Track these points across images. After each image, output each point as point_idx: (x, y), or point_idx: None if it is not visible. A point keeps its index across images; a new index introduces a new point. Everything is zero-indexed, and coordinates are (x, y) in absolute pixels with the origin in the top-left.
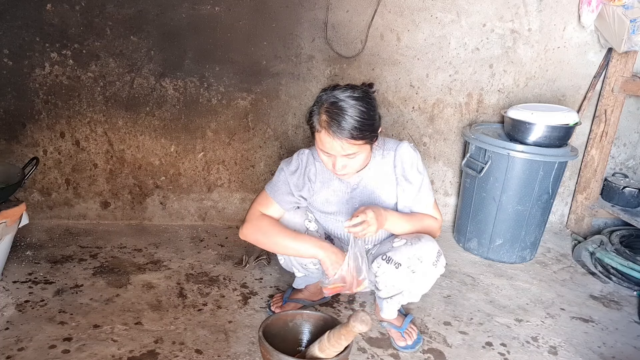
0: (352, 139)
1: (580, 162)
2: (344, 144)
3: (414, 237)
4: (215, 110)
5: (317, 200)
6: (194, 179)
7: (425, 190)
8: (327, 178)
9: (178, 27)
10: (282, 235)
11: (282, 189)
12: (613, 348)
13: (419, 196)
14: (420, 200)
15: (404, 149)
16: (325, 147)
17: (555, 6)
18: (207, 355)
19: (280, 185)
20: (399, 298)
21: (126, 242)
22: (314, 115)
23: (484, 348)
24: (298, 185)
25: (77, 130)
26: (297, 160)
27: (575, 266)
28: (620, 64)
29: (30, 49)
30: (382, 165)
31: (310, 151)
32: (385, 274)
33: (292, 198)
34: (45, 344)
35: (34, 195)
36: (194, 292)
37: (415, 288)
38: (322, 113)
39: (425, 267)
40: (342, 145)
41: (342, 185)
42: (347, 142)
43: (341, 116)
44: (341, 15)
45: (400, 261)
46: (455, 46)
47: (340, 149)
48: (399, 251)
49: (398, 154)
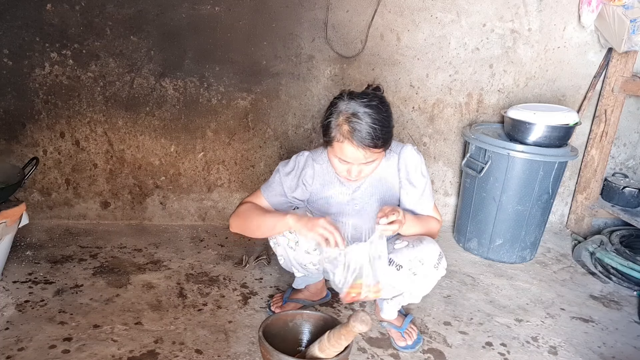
0: (375, 147)
1: (580, 162)
2: (367, 153)
3: (416, 240)
4: (215, 110)
5: (318, 202)
6: (194, 179)
7: (428, 194)
8: (327, 180)
9: (178, 27)
10: (256, 215)
11: (276, 189)
12: (613, 348)
13: (422, 199)
14: (423, 203)
15: (407, 152)
16: (347, 156)
17: (555, 6)
18: (207, 355)
19: (275, 185)
20: (400, 299)
21: (126, 242)
22: (333, 126)
23: (484, 348)
24: (291, 186)
25: (77, 130)
26: (294, 162)
27: (575, 266)
28: (620, 64)
29: (30, 49)
30: (386, 167)
31: (311, 154)
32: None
33: (284, 199)
34: (45, 344)
35: (34, 195)
36: (194, 292)
37: (416, 290)
38: (343, 124)
39: (427, 269)
40: (364, 155)
41: (343, 188)
42: (369, 151)
43: (364, 127)
44: (341, 15)
45: (401, 263)
46: (455, 46)
47: (362, 158)
48: (401, 253)
49: (402, 158)
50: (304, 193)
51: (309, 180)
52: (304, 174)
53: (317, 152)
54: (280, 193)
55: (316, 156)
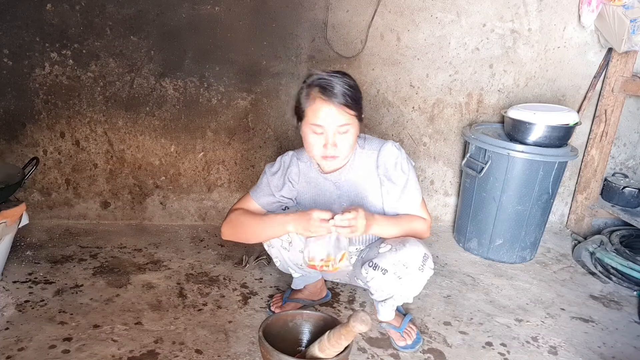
0: (345, 105)
1: (580, 162)
2: (339, 111)
3: (399, 243)
4: (215, 110)
5: (305, 200)
6: (194, 179)
7: (410, 190)
8: (312, 177)
9: (178, 27)
10: (250, 223)
11: (264, 190)
12: (613, 348)
13: (404, 196)
14: (406, 200)
15: (387, 149)
16: (320, 118)
17: (555, 6)
18: (207, 355)
19: (263, 187)
20: (392, 301)
21: (126, 242)
22: (303, 97)
23: (484, 348)
24: (278, 185)
25: (77, 130)
26: (280, 162)
27: (575, 266)
28: (620, 64)
29: (30, 49)
30: (367, 164)
31: (295, 153)
32: (374, 279)
33: (272, 199)
34: (45, 344)
35: (34, 195)
36: (194, 292)
37: (405, 291)
38: (312, 88)
39: (411, 272)
40: (337, 113)
41: (327, 184)
42: (340, 109)
43: (333, 84)
44: (341, 15)
45: (386, 267)
46: (455, 46)
47: (335, 115)
48: (385, 257)
49: (381, 154)
50: (291, 191)
51: (294, 178)
52: (290, 172)
53: (301, 151)
54: (268, 193)
55: (300, 155)
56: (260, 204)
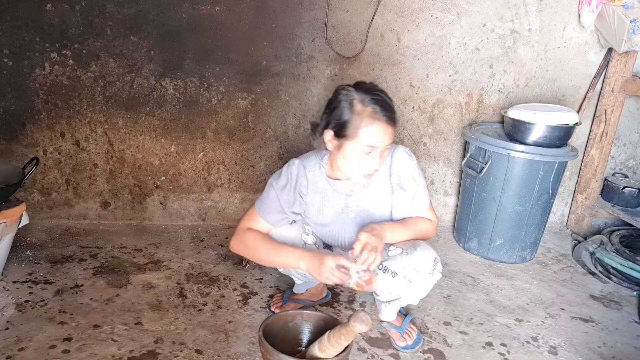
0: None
1: (580, 162)
2: (391, 131)
3: (410, 246)
4: (215, 110)
5: (311, 212)
6: (194, 179)
7: (420, 197)
8: (320, 188)
9: (178, 27)
10: (264, 249)
11: (272, 206)
12: (613, 348)
13: (414, 203)
14: (416, 206)
15: (399, 157)
16: (376, 139)
17: (555, 6)
18: (207, 355)
19: (270, 202)
20: (397, 303)
21: (126, 242)
22: (354, 117)
23: (484, 348)
24: (289, 201)
25: (77, 130)
26: (287, 173)
27: (575, 266)
28: (620, 64)
29: (30, 49)
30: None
31: (301, 161)
32: (383, 282)
33: (282, 215)
34: (45, 344)
35: (34, 195)
36: (194, 292)
37: (412, 294)
38: (364, 109)
39: (422, 276)
40: (390, 134)
41: (336, 195)
42: (392, 129)
43: (386, 102)
44: (341, 15)
45: (396, 271)
46: (455, 46)
47: (388, 138)
48: (395, 261)
49: (394, 163)
50: (301, 205)
51: (304, 191)
52: (299, 185)
53: (307, 158)
54: (278, 210)
55: (307, 163)
56: (269, 222)
